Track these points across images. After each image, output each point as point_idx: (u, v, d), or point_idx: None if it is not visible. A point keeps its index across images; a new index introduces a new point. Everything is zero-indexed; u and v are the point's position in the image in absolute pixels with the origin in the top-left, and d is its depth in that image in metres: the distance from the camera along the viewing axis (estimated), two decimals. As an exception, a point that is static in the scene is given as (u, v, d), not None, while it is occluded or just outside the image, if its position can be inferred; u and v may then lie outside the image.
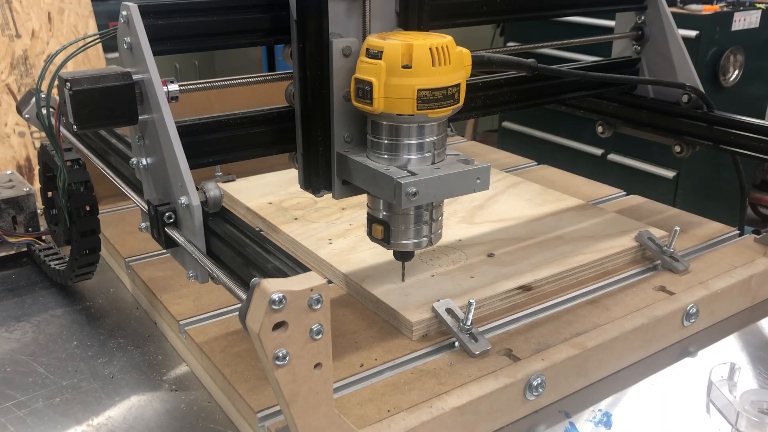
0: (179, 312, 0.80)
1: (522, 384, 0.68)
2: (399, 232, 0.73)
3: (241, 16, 0.67)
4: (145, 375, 0.76)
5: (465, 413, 0.65)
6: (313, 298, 0.50)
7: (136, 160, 0.69)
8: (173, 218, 0.65)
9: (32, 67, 1.32)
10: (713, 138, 0.98)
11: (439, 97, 0.65)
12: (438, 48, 0.64)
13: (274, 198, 1.08)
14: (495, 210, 1.03)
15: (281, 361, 0.50)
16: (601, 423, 0.71)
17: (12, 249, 0.99)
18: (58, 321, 0.86)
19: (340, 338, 0.75)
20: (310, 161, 0.72)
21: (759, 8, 2.62)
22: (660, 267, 0.90)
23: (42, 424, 0.68)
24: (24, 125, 1.29)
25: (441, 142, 0.70)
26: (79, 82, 0.59)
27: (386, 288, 0.80)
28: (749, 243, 0.96)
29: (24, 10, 1.33)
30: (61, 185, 0.78)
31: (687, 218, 1.06)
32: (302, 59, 0.67)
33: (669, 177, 2.60)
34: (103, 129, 0.81)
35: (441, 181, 0.68)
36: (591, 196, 1.15)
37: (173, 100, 0.63)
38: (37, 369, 0.76)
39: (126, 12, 0.61)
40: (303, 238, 0.94)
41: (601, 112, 1.11)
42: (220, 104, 1.19)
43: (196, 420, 0.69)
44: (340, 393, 0.67)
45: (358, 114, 0.70)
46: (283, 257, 0.55)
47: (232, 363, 0.70)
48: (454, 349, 0.73)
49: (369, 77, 0.64)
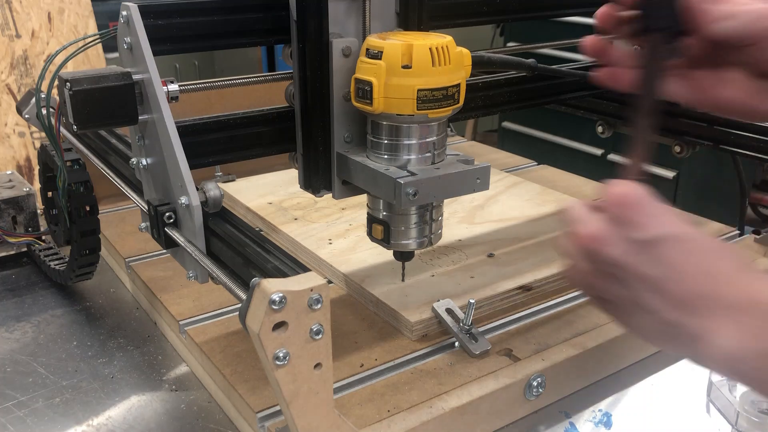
0: (179, 312, 0.80)
1: (522, 384, 0.68)
2: (399, 232, 0.73)
3: (241, 16, 0.67)
4: (145, 375, 0.76)
5: (465, 413, 0.65)
6: (313, 298, 0.50)
7: (136, 160, 0.69)
8: (173, 218, 0.65)
9: (32, 67, 1.32)
10: (713, 138, 0.98)
11: (439, 97, 0.65)
12: (438, 48, 0.64)
13: (274, 198, 1.08)
14: (495, 210, 1.03)
15: (281, 361, 0.50)
16: (601, 423, 0.71)
17: (12, 249, 0.99)
18: (58, 321, 0.86)
19: (340, 338, 0.75)
20: (310, 161, 0.72)
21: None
22: (660, 267, 0.90)
23: (42, 424, 0.68)
24: (24, 125, 1.29)
25: (441, 142, 0.70)
26: (79, 82, 0.59)
27: (386, 288, 0.80)
28: (749, 243, 0.96)
29: (24, 10, 1.33)
30: (61, 185, 0.78)
31: (687, 218, 1.06)
32: (302, 59, 0.67)
33: (669, 177, 2.60)
34: (103, 129, 0.81)
35: (441, 181, 0.68)
36: (591, 196, 1.15)
37: (173, 100, 0.63)
38: (37, 369, 0.76)
39: (126, 12, 0.61)
40: (303, 238, 0.94)
41: (601, 112, 1.10)
42: (220, 104, 1.19)
43: (196, 420, 0.69)
44: (340, 393, 0.67)
45: (358, 114, 0.70)
46: (283, 257, 0.55)
47: (232, 363, 0.70)
48: (454, 349, 0.73)
49: (369, 77, 0.64)
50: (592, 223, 0.53)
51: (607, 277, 0.52)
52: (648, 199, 0.52)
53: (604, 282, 0.53)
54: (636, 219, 0.51)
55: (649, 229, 0.51)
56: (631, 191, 0.52)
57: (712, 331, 0.49)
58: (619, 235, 0.51)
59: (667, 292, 0.50)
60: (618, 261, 0.51)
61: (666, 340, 0.52)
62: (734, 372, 0.50)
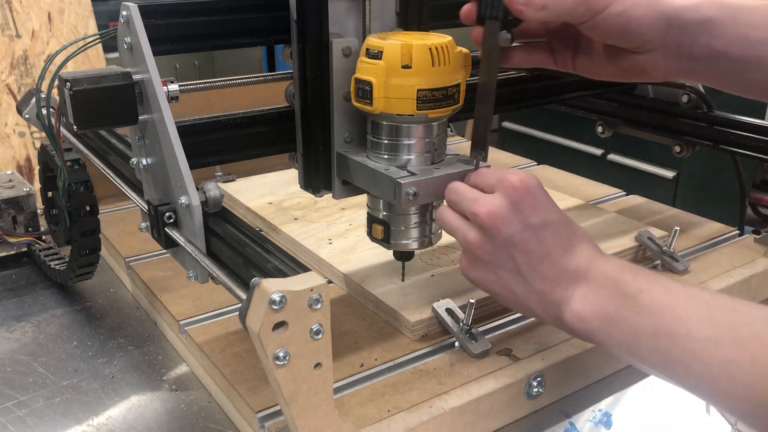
0: (179, 312, 0.80)
1: (522, 384, 0.68)
2: (399, 232, 0.73)
3: (241, 16, 0.67)
4: (145, 375, 0.76)
5: (465, 413, 0.65)
6: (313, 298, 0.50)
7: (136, 160, 0.69)
8: (173, 218, 0.65)
9: (32, 67, 1.32)
10: (713, 138, 0.98)
11: (439, 97, 0.65)
12: (438, 48, 0.64)
13: (274, 198, 1.08)
14: (495, 210, 1.03)
15: (281, 361, 0.50)
16: (601, 423, 0.71)
17: (12, 249, 0.99)
18: (58, 321, 0.86)
19: (340, 338, 0.75)
20: (310, 161, 0.72)
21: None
22: (660, 267, 0.90)
23: (42, 424, 0.68)
24: (24, 125, 1.29)
25: (441, 142, 0.70)
26: (79, 82, 0.59)
27: (386, 288, 0.80)
28: (749, 243, 0.96)
29: (24, 10, 1.33)
30: (61, 185, 0.78)
31: (687, 218, 1.06)
32: (302, 59, 0.67)
33: (669, 177, 2.60)
34: (103, 129, 0.81)
35: (441, 181, 0.68)
36: (591, 196, 1.15)
37: (173, 100, 0.63)
38: (37, 369, 0.76)
39: (126, 12, 0.61)
40: (303, 238, 0.94)
41: (601, 112, 1.10)
42: (220, 104, 1.19)
43: (196, 420, 0.69)
44: (340, 393, 0.67)
45: (358, 114, 0.70)
46: (283, 257, 0.55)
47: (232, 363, 0.70)
48: (454, 349, 0.74)
49: (369, 77, 0.64)
50: (493, 202, 0.62)
51: (498, 248, 0.62)
52: (539, 189, 0.63)
53: (493, 252, 0.63)
54: (531, 204, 0.62)
55: (540, 214, 0.62)
56: (529, 180, 0.63)
57: (571, 298, 0.60)
58: (516, 216, 0.62)
59: (542, 266, 0.62)
60: (512, 238, 0.62)
61: (535, 306, 0.63)
62: (585, 333, 0.60)
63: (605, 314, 0.58)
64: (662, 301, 0.56)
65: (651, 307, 0.56)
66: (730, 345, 0.52)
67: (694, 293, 0.57)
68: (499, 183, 0.63)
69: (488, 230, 0.62)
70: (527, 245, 0.61)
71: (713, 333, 0.53)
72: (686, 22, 0.64)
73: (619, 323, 0.57)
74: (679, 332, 0.54)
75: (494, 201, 0.62)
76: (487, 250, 0.63)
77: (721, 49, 0.64)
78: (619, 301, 0.58)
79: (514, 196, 0.62)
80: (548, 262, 0.61)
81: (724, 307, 0.54)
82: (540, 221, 0.62)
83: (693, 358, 0.53)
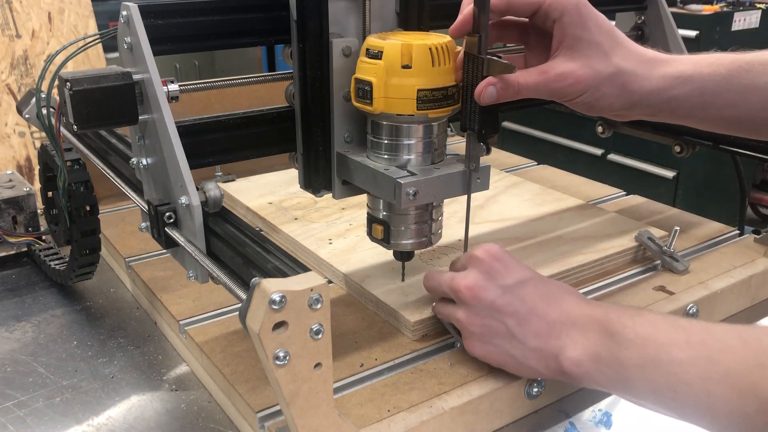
0: (179, 312, 0.80)
1: (522, 384, 0.68)
2: (399, 232, 0.73)
3: (241, 16, 0.67)
4: (145, 375, 0.76)
5: (465, 413, 0.65)
6: (313, 298, 0.50)
7: (136, 160, 0.69)
8: (173, 218, 0.65)
9: (32, 67, 1.32)
10: (713, 138, 0.98)
11: (439, 97, 0.65)
12: (438, 48, 0.64)
13: (274, 198, 1.08)
14: (495, 210, 1.03)
15: (281, 361, 0.50)
16: (601, 423, 0.71)
17: (12, 249, 0.99)
18: (58, 321, 0.86)
19: (340, 338, 0.75)
20: (310, 161, 0.72)
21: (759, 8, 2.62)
22: (660, 267, 0.90)
23: (42, 424, 0.68)
24: (24, 125, 1.29)
25: (441, 142, 0.70)
26: (79, 82, 0.59)
27: (386, 288, 0.81)
28: (749, 243, 0.96)
29: (24, 10, 1.33)
30: (61, 185, 0.78)
31: (687, 218, 1.06)
32: (302, 59, 0.67)
33: (669, 177, 2.60)
34: (103, 129, 0.81)
35: (441, 181, 0.68)
36: (591, 196, 1.15)
37: (173, 100, 0.63)
38: (37, 369, 0.76)
39: (126, 12, 0.61)
40: (303, 238, 0.94)
41: (601, 112, 1.10)
42: (220, 104, 1.19)
43: (196, 420, 0.69)
44: (340, 393, 0.67)
45: (358, 114, 0.70)
46: (283, 257, 0.55)
47: (232, 363, 0.70)
48: (454, 349, 0.74)
49: (369, 77, 0.64)
50: (468, 275, 0.67)
51: (486, 317, 0.65)
52: (506, 254, 0.68)
53: (483, 320, 0.65)
54: (502, 268, 0.66)
55: (513, 275, 0.66)
56: (493, 249, 0.68)
57: (564, 346, 0.62)
58: (492, 282, 0.65)
59: (531, 322, 0.64)
60: (494, 303, 0.65)
61: (536, 364, 0.64)
62: (585, 377, 0.61)
63: (596, 354, 0.60)
64: (646, 333, 0.58)
65: (636, 340, 0.58)
66: (705, 361, 0.54)
67: (673, 321, 0.59)
68: (468, 260, 0.68)
69: (471, 303, 0.66)
70: (511, 306, 0.64)
71: (690, 354, 0.55)
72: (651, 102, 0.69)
73: (609, 360, 0.59)
74: (663, 359, 0.56)
75: (469, 275, 0.66)
76: (477, 323, 0.66)
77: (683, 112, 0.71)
78: (606, 339, 0.60)
79: (484, 265, 0.66)
80: (536, 318, 0.64)
81: (699, 329, 0.57)
82: (515, 281, 0.65)
83: (677, 381, 0.55)
